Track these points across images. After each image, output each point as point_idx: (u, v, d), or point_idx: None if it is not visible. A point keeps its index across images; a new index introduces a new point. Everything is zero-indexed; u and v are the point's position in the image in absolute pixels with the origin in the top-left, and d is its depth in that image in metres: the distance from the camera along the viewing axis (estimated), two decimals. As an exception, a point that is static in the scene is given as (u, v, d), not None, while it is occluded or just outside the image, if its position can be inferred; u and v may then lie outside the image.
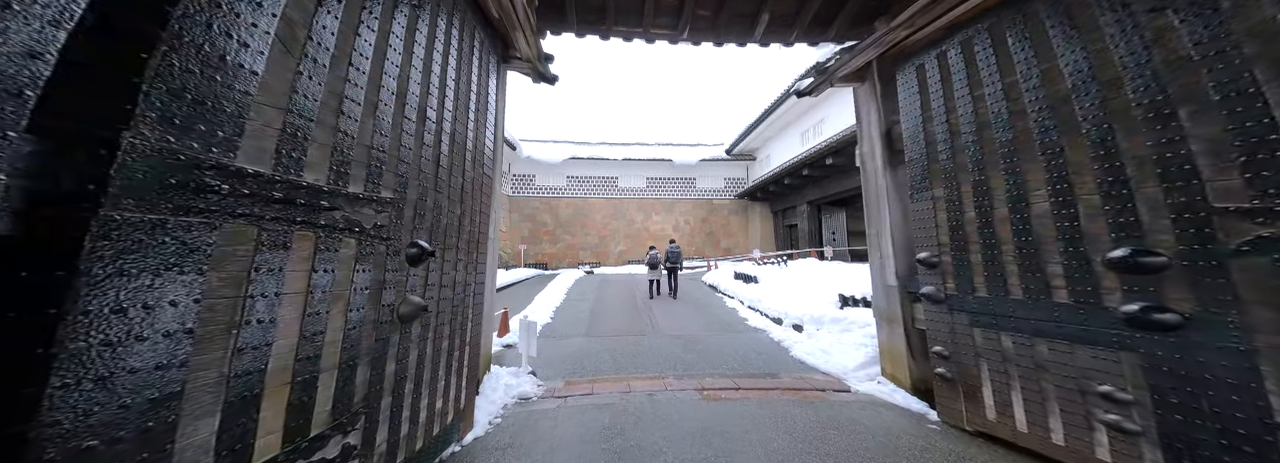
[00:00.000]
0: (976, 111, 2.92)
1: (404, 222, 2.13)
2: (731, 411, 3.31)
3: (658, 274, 11.09)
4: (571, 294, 11.12)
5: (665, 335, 6.48)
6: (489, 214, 3.84)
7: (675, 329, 6.93)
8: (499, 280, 12.77)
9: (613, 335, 6.53)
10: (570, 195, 24.00)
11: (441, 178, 2.60)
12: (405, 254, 2.14)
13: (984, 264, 2.80)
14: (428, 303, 2.35)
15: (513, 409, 3.39)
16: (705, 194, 25.37)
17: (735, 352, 5.33)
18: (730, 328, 6.98)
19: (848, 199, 19.61)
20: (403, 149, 2.13)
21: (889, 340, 3.79)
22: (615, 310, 8.75)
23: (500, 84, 4.16)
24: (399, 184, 2.09)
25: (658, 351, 5.49)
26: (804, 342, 5.29)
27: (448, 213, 2.76)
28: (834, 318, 5.39)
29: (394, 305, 2.05)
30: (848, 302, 5.94)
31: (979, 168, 2.88)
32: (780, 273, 10.90)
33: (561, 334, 6.62)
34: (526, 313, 7.91)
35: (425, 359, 2.40)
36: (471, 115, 3.21)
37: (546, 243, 23.36)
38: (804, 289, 8.18)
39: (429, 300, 2.42)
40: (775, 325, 6.79)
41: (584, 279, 15.46)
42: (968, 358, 2.89)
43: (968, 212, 2.93)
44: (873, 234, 4.11)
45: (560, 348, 5.69)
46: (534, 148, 23.57)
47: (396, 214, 2.05)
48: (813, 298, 6.86)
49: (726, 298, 10.20)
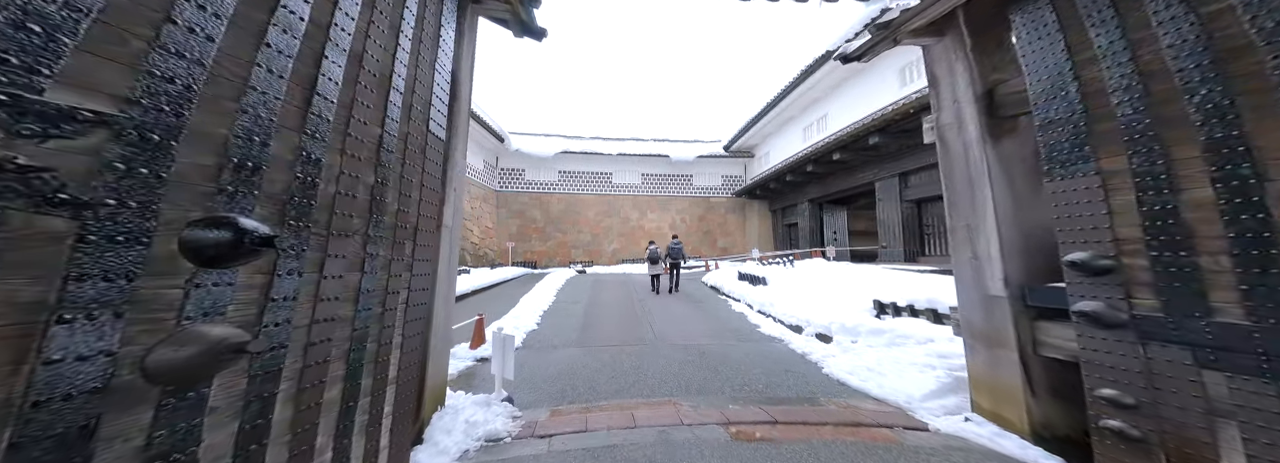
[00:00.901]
0: (1207, 32, 1.86)
1: (176, 173, 1.11)
2: (776, 460, 2.42)
3: (659, 269, 11.03)
4: (562, 296, 10.19)
5: (670, 345, 5.59)
6: (442, 193, 2.92)
7: (680, 337, 6.04)
8: (481, 281, 11.79)
9: (609, 346, 5.63)
10: (562, 191, 23.02)
11: (322, 118, 1.67)
12: (183, 240, 1.14)
13: (1235, 272, 1.80)
14: (267, 333, 1.40)
15: (477, 460, 2.47)
16: (702, 192, 24.55)
17: (756, 367, 4.46)
18: (742, 336, 6.11)
19: (849, 197, 18.89)
20: (186, 31, 1.15)
21: (989, 369, 2.91)
22: (611, 315, 7.84)
23: (465, 25, 3.23)
24: (154, 91, 1.08)
25: (663, 365, 4.60)
26: (837, 356, 4.43)
27: (345, 179, 1.83)
28: (873, 329, 4.54)
29: (143, 351, 1.07)
30: (887, 310, 5.08)
31: (1219, 117, 1.82)
32: (788, 274, 10.07)
33: (549, 344, 5.70)
34: (508, 321, 6.96)
35: (280, 427, 1.47)
36: (405, 44, 2.28)
37: (536, 240, 22.37)
38: (822, 293, 7.34)
39: (277, 328, 1.46)
40: (793, 334, 5.93)
41: (576, 279, 14.52)
42: (1183, 413, 1.94)
43: (1191, 189, 1.92)
44: (961, 227, 3.23)
45: (547, 362, 4.78)
46: (523, 141, 22.55)
47: (142, 152, 1.05)
48: (838, 304, 6.01)
49: (731, 301, 9.34)
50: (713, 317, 7.63)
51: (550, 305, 8.74)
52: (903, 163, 12.19)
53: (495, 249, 20.63)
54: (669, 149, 24.08)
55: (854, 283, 8.06)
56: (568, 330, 6.52)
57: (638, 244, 23.45)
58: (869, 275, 9.06)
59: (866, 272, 9.80)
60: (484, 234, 19.35)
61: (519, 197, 22.39)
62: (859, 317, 5.11)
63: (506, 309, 7.90)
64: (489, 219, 20.38)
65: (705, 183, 24.65)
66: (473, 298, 10.20)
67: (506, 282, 13.88)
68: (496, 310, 8.10)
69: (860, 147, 12.62)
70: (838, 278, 9.25)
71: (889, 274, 9.04)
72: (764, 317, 7.37)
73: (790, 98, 17.54)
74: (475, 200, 18.84)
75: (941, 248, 11.33)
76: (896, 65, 12.06)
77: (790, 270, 10.73)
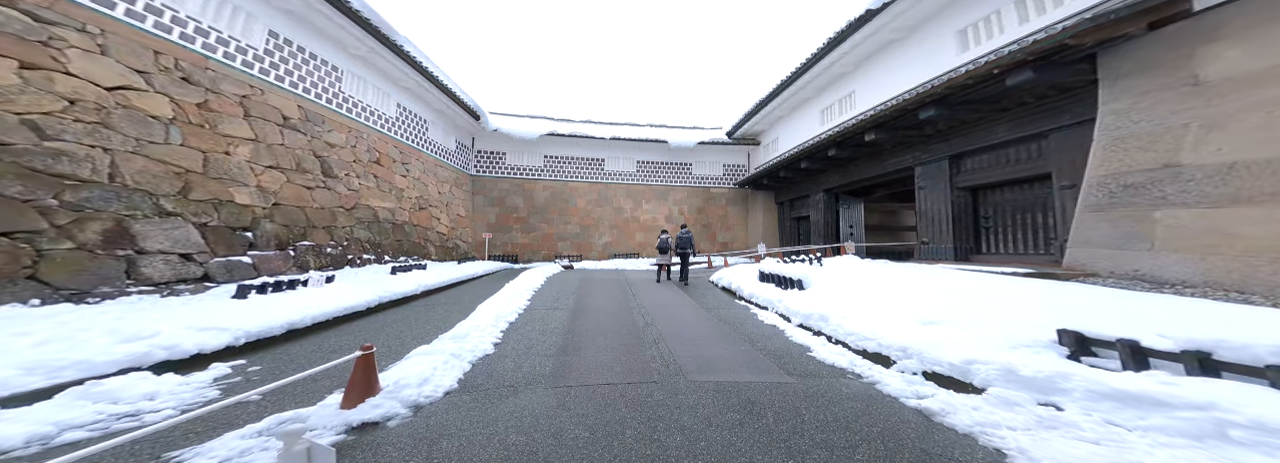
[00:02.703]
0: None
1: None
2: None
3: (668, 259, 10.96)
4: (540, 300, 8.00)
5: (693, 385, 3.50)
6: None
7: (705, 368, 3.94)
8: (434, 279, 9.53)
9: (601, 385, 3.51)
10: (548, 178, 20.73)
11: None
12: None
13: None
14: None
15: None
16: (702, 182, 22.45)
17: (856, 446, 2.36)
18: (795, 367, 4.03)
19: (867, 188, 16.96)
20: None
21: None
22: (603, 328, 5.70)
23: None
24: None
25: (693, 434, 2.50)
26: (1021, 430, 2.36)
27: None
28: (1101, 389, 2.44)
29: None
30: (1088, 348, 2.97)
31: None
32: (823, 274, 8.00)
33: (506, 383, 3.56)
34: (440, 346, 4.77)
35: None
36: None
37: (517, 231, 20.07)
38: (892, 303, 5.29)
39: None
40: (877, 368, 3.88)
41: (560, 277, 12.33)
42: None
43: None
44: None
45: (495, 425, 2.63)
46: (504, 121, 20.19)
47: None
48: (966, 327, 3.94)
49: (754, 308, 7.25)
50: (738, 332, 5.52)
51: (521, 314, 6.57)
52: (954, 143, 10.18)
53: (469, 241, 18.30)
54: (667, 135, 21.89)
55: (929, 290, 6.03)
56: (539, 356, 4.37)
57: (632, 238, 21.30)
58: (943, 280, 7.05)
59: (931, 274, 7.79)
60: (454, 223, 17.01)
61: (498, 183, 20.05)
62: (1022, 354, 3.03)
63: (455, 321, 5.70)
64: (461, 206, 18.03)
65: (705, 172, 22.55)
66: (418, 302, 7.96)
67: (472, 280, 11.63)
68: (443, 322, 5.91)
69: (903, 124, 10.59)
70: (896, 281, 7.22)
71: (968, 279, 7.03)
72: (810, 333, 5.29)
73: (808, 76, 15.45)
74: (445, 185, 16.49)
75: (1007, 244, 9.37)
76: (954, 27, 10.02)
77: (822, 270, 8.66)
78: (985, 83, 7.89)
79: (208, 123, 7.01)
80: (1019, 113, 8.55)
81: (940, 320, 4.09)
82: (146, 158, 5.93)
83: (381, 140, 12.51)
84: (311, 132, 9.55)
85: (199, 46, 7.19)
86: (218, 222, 6.72)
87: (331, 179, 9.86)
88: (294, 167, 8.73)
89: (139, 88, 6.09)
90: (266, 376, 3.70)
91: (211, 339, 3.94)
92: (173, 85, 6.55)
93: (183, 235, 6.05)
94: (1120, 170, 6.01)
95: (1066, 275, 6.41)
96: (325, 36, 10.23)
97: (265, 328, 4.54)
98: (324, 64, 10.28)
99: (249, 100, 7.98)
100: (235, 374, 3.67)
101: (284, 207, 8.20)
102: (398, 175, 13.06)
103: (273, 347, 4.55)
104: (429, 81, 13.59)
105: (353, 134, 11.16)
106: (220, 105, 7.31)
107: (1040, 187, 8.53)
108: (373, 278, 8.81)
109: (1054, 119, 7.82)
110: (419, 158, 14.66)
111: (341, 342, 4.89)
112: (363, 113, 11.76)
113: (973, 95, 8.51)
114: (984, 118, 9.25)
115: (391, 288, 7.69)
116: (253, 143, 7.80)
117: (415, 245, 13.32)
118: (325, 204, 9.46)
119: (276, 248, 7.73)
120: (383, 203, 11.92)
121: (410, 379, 3.33)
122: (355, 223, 10.45)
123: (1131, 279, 5.68)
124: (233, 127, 7.48)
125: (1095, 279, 6.06)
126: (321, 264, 8.78)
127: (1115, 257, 5.97)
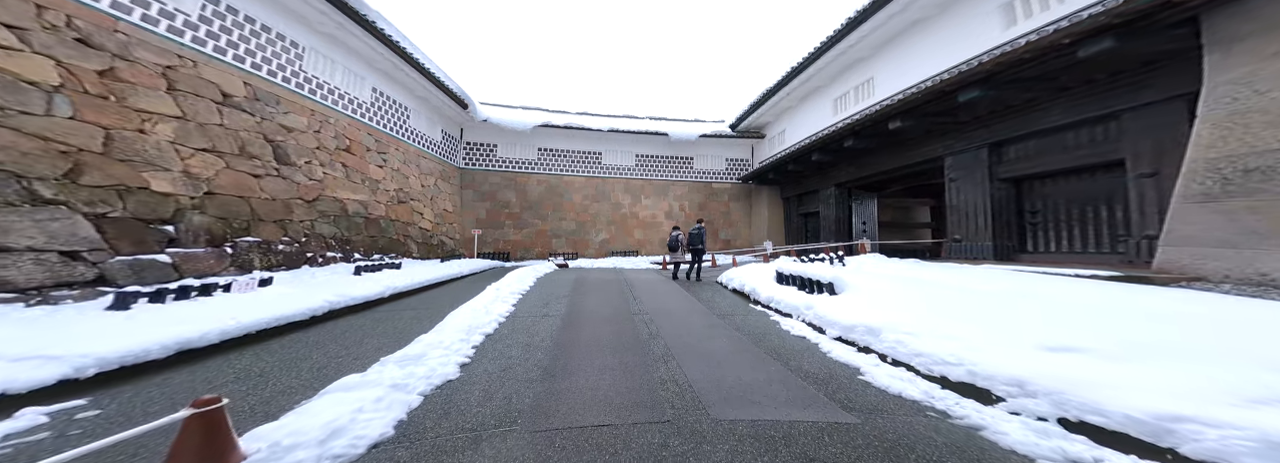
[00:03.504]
0: None
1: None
2: None
3: (680, 257, 10.52)
4: (526, 305, 6.84)
5: (721, 428, 2.44)
6: None
7: (733, 399, 2.82)
8: (410, 280, 8.33)
9: (597, 426, 2.39)
10: (542, 172, 19.52)
11: None
12: None
13: None
14: None
15: None
16: (703, 176, 21.29)
17: None
18: (850, 397, 2.91)
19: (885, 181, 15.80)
20: None
21: None
22: (600, 341, 4.53)
23: None
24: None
25: None
26: None
27: None
28: None
29: None
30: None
31: None
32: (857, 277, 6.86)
33: (468, 424, 2.45)
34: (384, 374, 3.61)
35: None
36: None
37: (510, 227, 18.87)
38: (992, 318, 4.16)
39: None
40: (970, 403, 2.77)
41: (552, 276, 11.15)
42: None
43: None
44: None
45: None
46: (496, 112, 18.96)
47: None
48: (1127, 360, 2.82)
49: (775, 315, 6.09)
50: (763, 346, 4.36)
51: (501, 323, 5.40)
52: (995, 129, 9.03)
53: (457, 237, 17.09)
54: (668, 127, 20.70)
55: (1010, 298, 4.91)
56: (518, 382, 3.22)
57: (630, 235, 20.13)
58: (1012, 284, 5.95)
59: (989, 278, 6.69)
60: (440, 218, 15.78)
61: (489, 176, 18.83)
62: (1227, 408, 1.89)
63: (416, 334, 4.49)
64: (447, 201, 16.80)
65: (707, 166, 21.40)
66: (382, 307, 6.77)
67: (454, 280, 10.43)
68: (395, 338, 4.72)
69: (935, 110, 9.43)
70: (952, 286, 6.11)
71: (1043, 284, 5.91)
72: (854, 349, 4.14)
73: (821, 62, 14.29)
74: (429, 177, 15.25)
75: (1061, 241, 8.22)
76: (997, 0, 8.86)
77: (852, 271, 7.52)
78: (1047, 56, 6.72)
79: (114, 94, 5.75)
80: (1081, 92, 7.40)
81: (1075, 347, 2.93)
82: (15, 131, 4.69)
83: (353, 126, 11.27)
84: (262, 112, 8.31)
85: (105, 5, 5.94)
86: (123, 212, 5.48)
87: (287, 167, 8.62)
88: (236, 151, 7.49)
89: (9, 45, 4.84)
90: (99, 425, 2.52)
91: (32, 373, 2.74)
92: (61, 46, 5.28)
93: (66, 228, 4.82)
94: (1239, 152, 4.87)
95: (1164, 280, 5.28)
96: (281, 7, 8.97)
97: (135, 351, 3.34)
98: (280, 38, 9.02)
99: (176, 71, 6.73)
100: (45, 428, 2.47)
101: (220, 196, 6.97)
102: (373, 165, 11.82)
103: (145, 376, 3.35)
104: (408, 64, 12.33)
105: (317, 118, 9.91)
106: (133, 75, 6.04)
107: (1106, 176, 7.38)
108: (330, 280, 7.61)
109: (1133, 96, 6.66)
110: (399, 147, 13.43)
111: (258, 365, 3.71)
112: (330, 96, 10.51)
113: (1027, 72, 7.34)
114: (1035, 98, 8.09)
115: (348, 292, 6.49)
116: (179, 121, 6.55)
117: (393, 242, 12.11)
118: (278, 195, 8.22)
119: (208, 244, 6.51)
120: (354, 195, 10.69)
121: (308, 434, 2.16)
122: (317, 217, 9.22)
123: (1259, 285, 4.55)
124: (150, 101, 6.21)
125: (1205, 284, 4.92)
126: (271, 263, 7.56)
127: (1231, 257, 4.83)
